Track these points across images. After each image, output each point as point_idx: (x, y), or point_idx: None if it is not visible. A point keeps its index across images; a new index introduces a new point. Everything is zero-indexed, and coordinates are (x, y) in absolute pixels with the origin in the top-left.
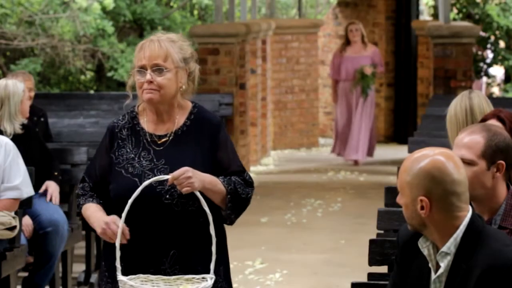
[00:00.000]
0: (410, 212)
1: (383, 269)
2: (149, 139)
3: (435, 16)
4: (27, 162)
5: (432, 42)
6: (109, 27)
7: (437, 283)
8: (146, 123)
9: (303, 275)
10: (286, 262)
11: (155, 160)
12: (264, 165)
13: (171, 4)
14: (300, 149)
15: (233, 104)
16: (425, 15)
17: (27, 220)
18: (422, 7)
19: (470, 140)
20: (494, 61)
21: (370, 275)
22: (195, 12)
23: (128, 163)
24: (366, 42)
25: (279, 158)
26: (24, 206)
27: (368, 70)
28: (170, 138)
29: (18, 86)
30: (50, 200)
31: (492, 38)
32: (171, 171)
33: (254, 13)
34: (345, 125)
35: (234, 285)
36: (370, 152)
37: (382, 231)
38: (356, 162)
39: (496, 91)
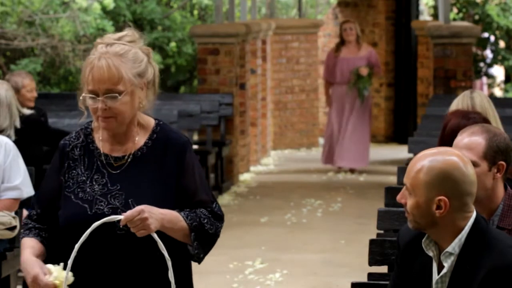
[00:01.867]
0: (420, 212)
1: (383, 269)
2: (104, 161)
3: (435, 16)
4: (32, 157)
5: (432, 42)
6: (109, 27)
7: (440, 283)
8: (102, 142)
9: (303, 275)
10: (286, 262)
11: (109, 184)
12: (264, 165)
13: (171, 4)
14: (300, 149)
15: (233, 104)
16: (425, 15)
17: None
18: (422, 7)
19: (471, 141)
20: (494, 61)
21: (370, 275)
22: (195, 12)
23: (78, 187)
24: (361, 42)
25: (279, 158)
26: (24, 206)
27: (364, 71)
28: (128, 160)
29: (4, 87)
30: None
31: (492, 38)
32: (126, 198)
33: (254, 13)
34: (338, 130)
35: (234, 285)
36: (365, 160)
37: (382, 231)
38: (351, 170)
39: (496, 91)
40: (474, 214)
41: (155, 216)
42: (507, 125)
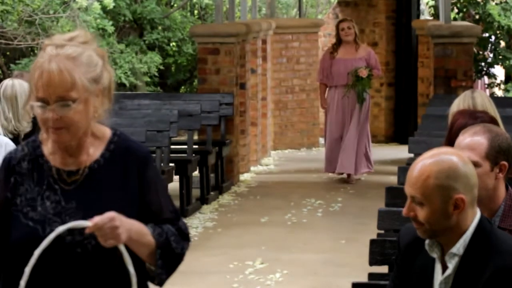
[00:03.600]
0: (438, 218)
1: (383, 269)
2: (55, 176)
3: (436, 15)
4: None
5: (432, 41)
6: (109, 26)
7: (444, 284)
8: (52, 156)
9: (303, 275)
10: (286, 262)
11: (63, 202)
12: (264, 165)
13: (171, 3)
14: (300, 149)
15: (233, 104)
16: (426, 15)
17: None
18: (423, 6)
19: (473, 142)
20: (495, 61)
21: (370, 275)
22: (195, 12)
23: (28, 205)
24: (359, 42)
25: (279, 158)
26: None
27: (364, 72)
28: (84, 174)
29: (24, 86)
30: None
31: (493, 38)
32: (84, 216)
33: (254, 12)
34: (337, 137)
35: (234, 285)
36: (368, 166)
37: (382, 231)
38: (348, 177)
39: (496, 90)
40: (478, 214)
41: (126, 225)
42: (507, 124)
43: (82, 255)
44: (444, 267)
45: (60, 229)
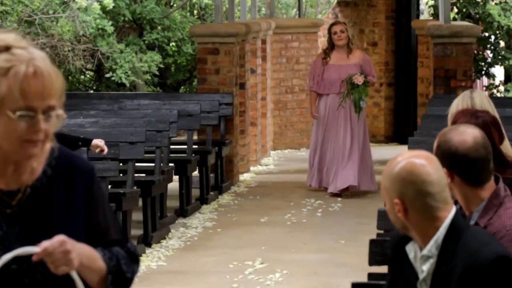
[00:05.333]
0: (392, 216)
1: (383, 269)
2: None
3: (435, 15)
4: None
5: (432, 41)
6: (108, 27)
7: (423, 286)
8: None
9: (303, 275)
10: (286, 262)
11: (4, 227)
12: (264, 165)
13: (171, 3)
14: (300, 149)
15: (233, 104)
16: (426, 15)
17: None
18: (422, 6)
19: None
20: (494, 61)
21: (370, 275)
22: (195, 12)
23: None
24: (352, 47)
25: (279, 158)
26: None
27: (359, 79)
28: (26, 194)
29: None
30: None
31: (493, 38)
32: (30, 243)
33: (254, 12)
34: (330, 150)
35: (234, 285)
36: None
37: (382, 231)
38: (346, 189)
39: (495, 91)
40: (450, 214)
41: (77, 250)
42: (507, 125)
43: (30, 286)
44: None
45: (6, 257)
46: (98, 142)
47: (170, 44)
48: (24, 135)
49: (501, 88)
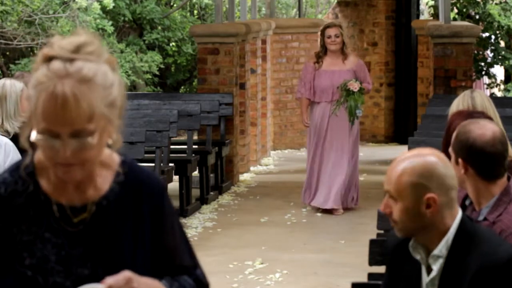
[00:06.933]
0: (410, 216)
1: (383, 269)
2: (57, 214)
3: (435, 16)
4: None
5: (432, 41)
6: (108, 27)
7: (430, 286)
8: (52, 187)
9: (303, 275)
10: (286, 262)
11: (67, 247)
12: (264, 165)
13: (171, 3)
14: (300, 149)
15: (233, 104)
16: (426, 15)
17: None
18: (422, 6)
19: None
20: (494, 61)
21: (370, 275)
22: (195, 12)
23: (23, 249)
24: (347, 52)
25: (279, 158)
26: None
27: (355, 86)
28: (92, 212)
29: (16, 86)
30: None
31: (493, 38)
32: (94, 266)
33: (254, 12)
34: (319, 163)
35: (234, 285)
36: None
37: (382, 231)
38: (334, 211)
39: (496, 91)
40: (459, 214)
41: (143, 287)
42: (507, 125)
43: None
44: (430, 269)
45: None
46: None
47: (170, 44)
48: (52, 158)
49: (502, 87)
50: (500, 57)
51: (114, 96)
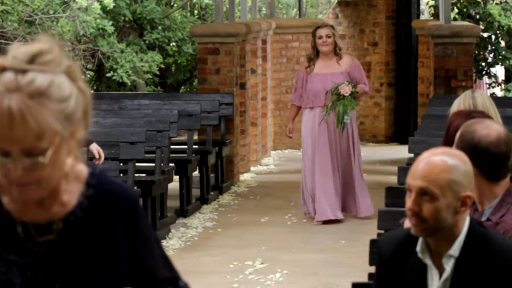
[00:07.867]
0: (444, 214)
1: None
2: (21, 233)
3: (436, 15)
4: None
5: (432, 41)
6: (109, 27)
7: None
8: (14, 204)
9: (303, 275)
10: (286, 262)
11: (33, 268)
12: (264, 165)
13: (171, 3)
14: (300, 149)
15: (233, 104)
16: (426, 15)
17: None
18: (423, 6)
19: None
20: (495, 61)
21: (370, 275)
22: (195, 12)
23: None
24: (340, 54)
25: (279, 158)
26: None
27: (346, 89)
28: (58, 230)
29: None
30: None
31: (493, 38)
32: None
33: (255, 12)
34: (318, 171)
35: (234, 285)
36: (368, 208)
37: (382, 231)
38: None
39: (497, 91)
40: (468, 216)
41: None
42: (508, 124)
43: None
44: (440, 271)
45: None
46: (96, 148)
47: (171, 44)
48: (3, 175)
49: (502, 86)
50: (500, 57)
51: (71, 109)
